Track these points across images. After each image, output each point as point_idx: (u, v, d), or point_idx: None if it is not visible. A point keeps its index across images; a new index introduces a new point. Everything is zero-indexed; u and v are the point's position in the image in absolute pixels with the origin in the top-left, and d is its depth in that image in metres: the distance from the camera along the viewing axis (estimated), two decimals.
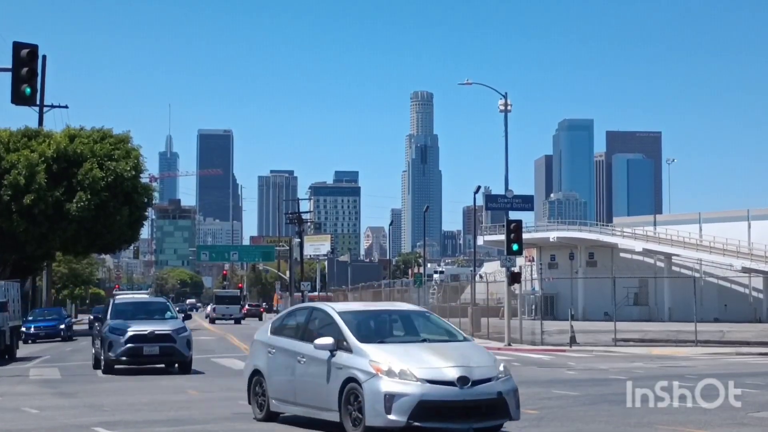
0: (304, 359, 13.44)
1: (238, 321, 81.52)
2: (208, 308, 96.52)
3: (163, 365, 25.81)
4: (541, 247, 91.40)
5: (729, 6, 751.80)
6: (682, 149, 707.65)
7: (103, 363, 25.49)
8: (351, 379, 12.32)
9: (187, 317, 34.06)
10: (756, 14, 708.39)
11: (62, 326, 48.91)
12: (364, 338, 12.84)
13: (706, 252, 77.41)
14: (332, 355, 12.80)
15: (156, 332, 25.20)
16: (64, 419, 15.38)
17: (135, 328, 25.21)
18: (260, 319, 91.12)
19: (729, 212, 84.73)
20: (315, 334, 13.43)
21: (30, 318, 50.07)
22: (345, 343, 12.78)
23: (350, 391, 12.32)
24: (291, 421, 14.19)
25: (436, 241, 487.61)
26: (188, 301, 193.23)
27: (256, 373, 14.83)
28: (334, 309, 13.85)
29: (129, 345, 24.90)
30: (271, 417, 14.41)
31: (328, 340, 12.91)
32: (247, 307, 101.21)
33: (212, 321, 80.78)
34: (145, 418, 15.38)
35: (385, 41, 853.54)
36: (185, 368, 25.36)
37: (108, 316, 26.53)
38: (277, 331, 14.88)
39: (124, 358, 25.01)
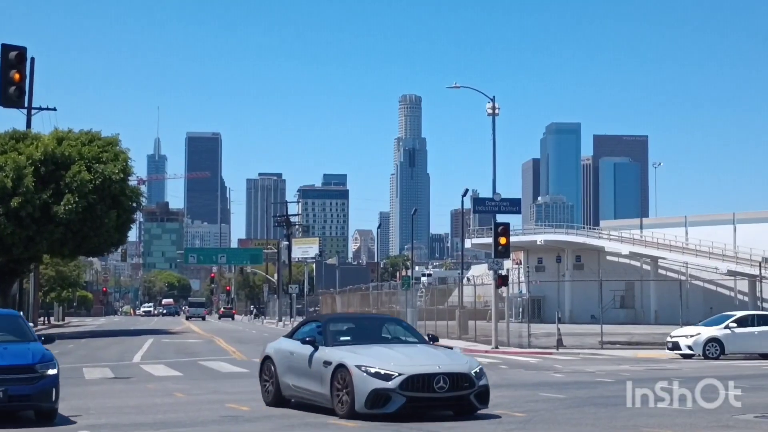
0: None
1: (203, 318, 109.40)
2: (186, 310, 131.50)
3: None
4: (529, 250, 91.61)
5: (715, 11, 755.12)
6: (669, 153, 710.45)
7: None
8: None
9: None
10: (743, 20, 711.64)
11: None
12: None
13: (692, 255, 77.74)
14: None
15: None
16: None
17: None
18: (232, 318, 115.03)
19: (715, 216, 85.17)
20: None
21: None
22: None
23: None
24: None
25: (424, 244, 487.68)
26: (164, 301, 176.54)
27: None
28: None
29: None
30: None
31: None
32: (223, 309, 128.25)
33: (188, 318, 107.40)
34: (132, 420, 15.34)
35: (373, 45, 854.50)
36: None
37: None
38: None
39: None
